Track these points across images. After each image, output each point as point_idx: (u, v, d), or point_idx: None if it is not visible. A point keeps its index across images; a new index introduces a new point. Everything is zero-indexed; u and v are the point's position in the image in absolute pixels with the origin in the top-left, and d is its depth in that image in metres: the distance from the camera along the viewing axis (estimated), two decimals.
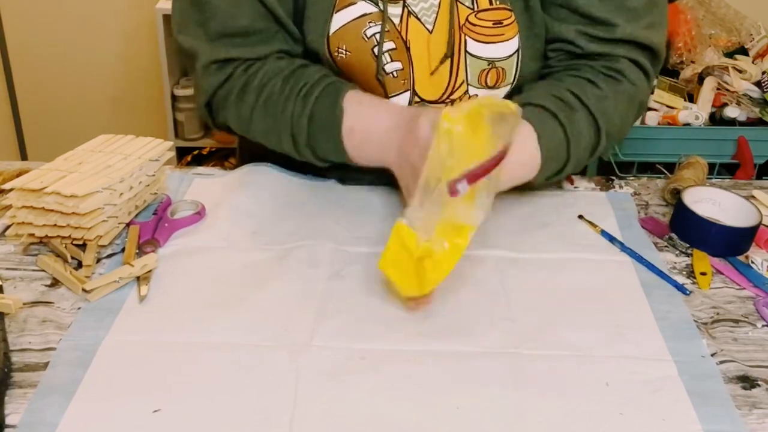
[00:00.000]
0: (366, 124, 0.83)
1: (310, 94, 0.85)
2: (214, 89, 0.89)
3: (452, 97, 0.90)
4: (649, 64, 0.90)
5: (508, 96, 0.92)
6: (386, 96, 0.89)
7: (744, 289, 0.80)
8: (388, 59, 0.87)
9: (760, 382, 0.67)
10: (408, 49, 0.87)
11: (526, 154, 0.81)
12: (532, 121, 0.81)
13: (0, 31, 2.33)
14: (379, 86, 0.89)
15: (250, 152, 1.05)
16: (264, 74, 0.87)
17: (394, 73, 0.88)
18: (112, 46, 2.34)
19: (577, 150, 0.84)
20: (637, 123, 1.85)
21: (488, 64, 0.88)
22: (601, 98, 0.86)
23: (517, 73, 0.90)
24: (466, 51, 0.88)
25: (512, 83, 0.91)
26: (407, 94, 0.89)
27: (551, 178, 0.86)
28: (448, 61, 0.88)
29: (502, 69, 0.89)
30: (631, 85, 0.88)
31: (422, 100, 0.90)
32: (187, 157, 2.40)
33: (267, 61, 0.88)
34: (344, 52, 0.87)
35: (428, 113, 0.76)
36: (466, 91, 0.90)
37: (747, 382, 0.67)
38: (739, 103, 1.87)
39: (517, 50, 0.88)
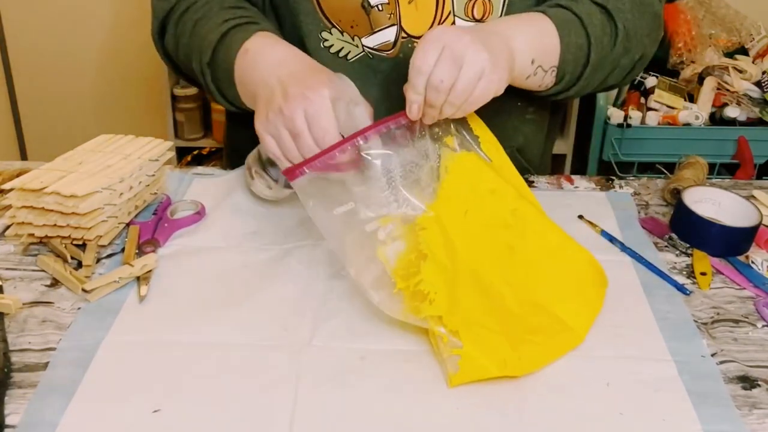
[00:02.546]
0: (262, 48, 0.81)
1: (230, 21, 0.84)
2: (165, 12, 0.90)
3: None
4: None
5: None
6: (371, 30, 0.88)
7: (744, 289, 0.80)
8: None
9: (760, 383, 0.67)
10: None
11: (539, 21, 0.81)
12: (536, 9, 0.84)
13: (0, 31, 2.33)
14: (365, 17, 0.87)
15: (236, 152, 1.05)
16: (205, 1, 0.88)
17: (379, 6, 0.87)
18: (112, 46, 2.34)
19: (591, 25, 0.83)
20: (637, 123, 1.85)
21: None
22: None
23: (505, 6, 0.89)
24: None
25: (499, 16, 0.89)
26: (394, 29, 0.88)
27: (584, 69, 0.85)
28: None
29: (489, 1, 0.88)
30: None
31: (408, 35, 0.89)
32: (187, 157, 2.40)
33: None
34: None
35: (332, 79, 0.74)
36: (453, 23, 0.88)
37: (747, 382, 0.67)
38: (739, 103, 1.88)
39: None
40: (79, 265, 0.79)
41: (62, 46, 2.37)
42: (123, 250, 0.82)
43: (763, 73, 1.93)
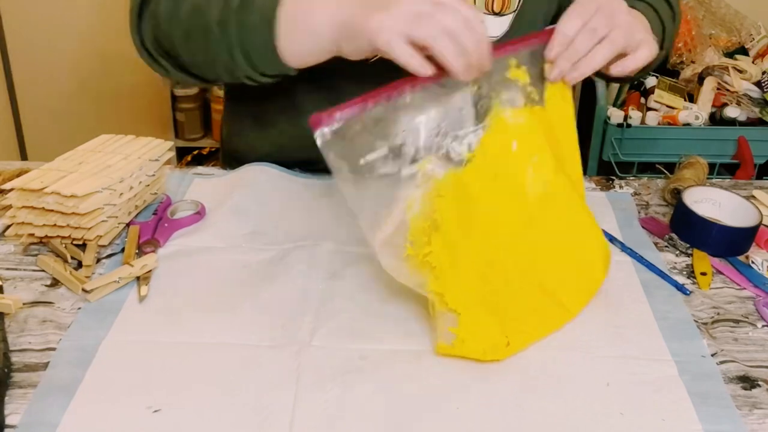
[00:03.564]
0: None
1: None
2: None
3: None
4: None
5: (512, 25, 0.91)
6: None
7: (744, 289, 0.80)
8: None
9: (760, 383, 0.67)
10: None
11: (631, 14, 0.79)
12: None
13: (0, 31, 2.33)
14: None
15: (232, 153, 1.05)
16: None
17: None
18: (112, 45, 2.34)
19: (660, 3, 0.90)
20: (637, 123, 1.85)
21: None
22: None
23: (521, 1, 0.90)
24: None
25: (515, 11, 0.91)
26: None
27: (664, 42, 0.90)
28: None
29: None
30: None
31: None
32: (187, 157, 2.40)
33: None
34: None
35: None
36: None
37: (747, 382, 0.67)
38: (739, 103, 1.87)
39: None
40: (79, 265, 0.79)
41: (62, 46, 2.37)
42: (123, 250, 0.82)
43: (763, 73, 1.92)
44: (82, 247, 0.81)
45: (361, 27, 0.67)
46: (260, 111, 1.00)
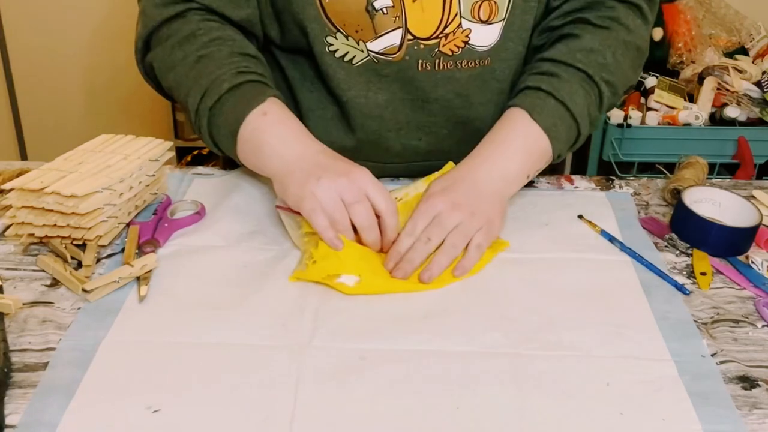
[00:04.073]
0: (284, 116, 0.84)
1: (249, 73, 0.84)
2: (159, 23, 0.88)
3: (446, 31, 0.89)
4: (645, 4, 0.92)
5: (503, 34, 0.92)
6: (376, 34, 0.88)
7: (744, 289, 0.80)
8: None
9: (760, 383, 0.67)
10: None
11: (528, 139, 0.85)
12: (520, 104, 0.86)
13: (0, 31, 2.33)
14: (369, 21, 0.87)
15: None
16: (218, 36, 0.86)
17: (384, 10, 0.86)
18: (112, 45, 2.34)
19: (577, 108, 0.87)
20: (637, 123, 1.85)
21: None
22: (587, 52, 0.88)
23: (509, 8, 0.89)
24: None
25: (504, 19, 0.90)
26: (399, 32, 0.88)
27: (575, 142, 0.90)
28: None
29: (495, 2, 0.88)
30: (627, 30, 0.90)
31: (415, 37, 0.89)
32: (187, 157, 2.40)
33: (226, 26, 0.88)
34: None
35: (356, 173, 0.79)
36: (459, 24, 0.89)
37: (747, 382, 0.67)
38: (739, 103, 1.87)
39: None
40: (79, 265, 0.79)
41: (62, 46, 2.37)
42: (123, 250, 0.82)
43: (763, 73, 1.93)
44: (82, 247, 0.81)
45: (292, 192, 0.80)
46: None
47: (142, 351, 0.68)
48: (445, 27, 0.88)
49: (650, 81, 1.93)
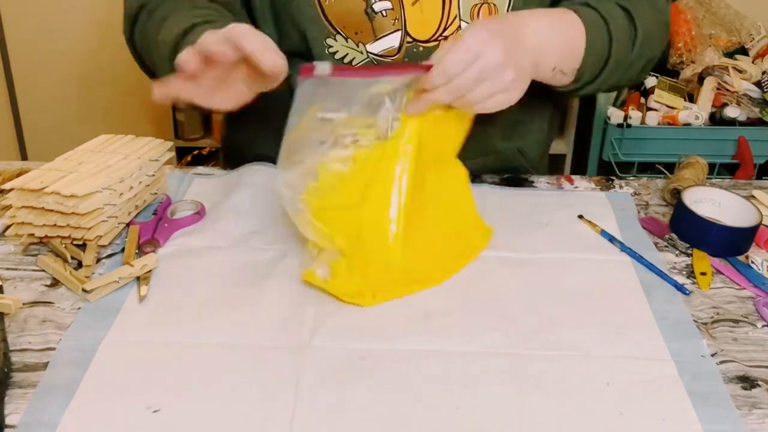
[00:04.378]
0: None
1: (200, 18, 0.82)
2: (136, 9, 0.89)
3: (445, 34, 0.89)
4: None
5: None
6: (375, 37, 0.88)
7: (744, 289, 0.80)
8: None
9: (760, 382, 0.67)
10: None
11: (569, 22, 0.82)
12: (564, 5, 0.84)
13: (0, 31, 2.33)
14: (368, 23, 0.87)
15: (233, 153, 1.05)
16: None
17: (383, 12, 0.87)
18: (113, 45, 2.34)
19: (616, 29, 0.85)
20: (637, 123, 1.85)
21: None
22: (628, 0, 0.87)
23: (509, 10, 0.89)
24: None
25: None
26: (398, 34, 0.88)
27: (600, 74, 0.87)
28: None
29: (494, 5, 0.88)
30: (655, 4, 0.90)
31: (414, 40, 0.89)
32: (187, 157, 2.40)
33: None
34: None
35: None
36: (459, 27, 0.89)
37: (747, 382, 0.67)
38: (739, 103, 1.88)
39: None
40: (79, 265, 0.79)
41: (62, 46, 2.37)
42: (123, 250, 0.82)
43: (763, 73, 1.93)
44: (82, 247, 0.81)
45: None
46: (263, 109, 1.00)
47: (142, 351, 0.68)
48: (445, 29, 0.88)
49: (650, 81, 1.93)
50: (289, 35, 0.90)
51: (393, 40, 0.88)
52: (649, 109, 1.90)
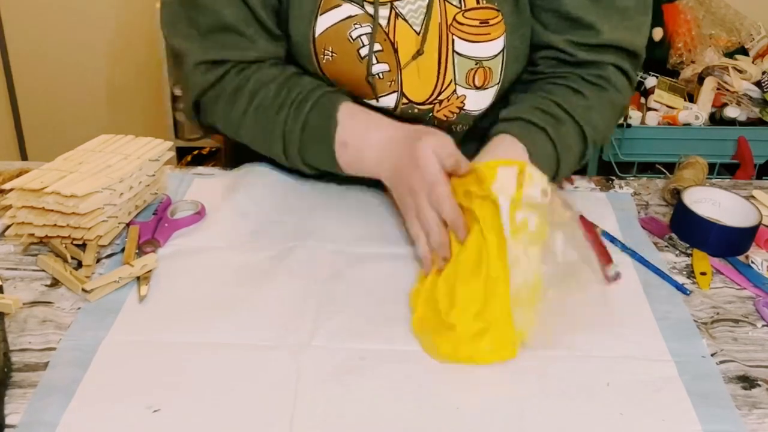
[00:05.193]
0: (359, 140, 0.84)
1: (305, 102, 0.85)
2: (203, 89, 0.90)
3: (440, 97, 0.90)
4: (632, 69, 0.92)
5: (497, 99, 0.92)
6: (375, 97, 0.89)
7: (744, 289, 0.80)
8: (375, 60, 0.87)
9: (760, 382, 0.67)
10: (396, 50, 0.87)
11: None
12: (524, 140, 0.83)
13: (0, 31, 2.33)
14: (368, 87, 0.89)
15: (237, 153, 1.05)
16: (257, 80, 0.87)
17: (380, 75, 0.88)
18: (113, 46, 2.34)
19: (566, 162, 0.87)
20: (637, 123, 1.85)
21: (476, 64, 0.89)
22: (586, 108, 0.88)
23: (503, 72, 0.90)
24: (453, 50, 0.88)
25: (498, 83, 0.91)
26: (394, 96, 0.90)
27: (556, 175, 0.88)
28: (436, 61, 0.88)
29: (489, 68, 0.89)
30: (616, 91, 0.90)
31: (410, 101, 0.90)
32: (187, 157, 2.40)
33: (261, 67, 0.89)
34: (330, 53, 0.87)
35: (427, 136, 0.78)
36: (454, 91, 0.90)
37: (747, 382, 0.67)
38: (739, 103, 1.87)
39: (503, 50, 0.89)
40: (79, 265, 0.79)
41: (62, 46, 2.37)
42: (123, 250, 0.82)
43: (763, 73, 1.92)
44: (82, 247, 0.81)
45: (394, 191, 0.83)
46: None
47: (142, 351, 0.68)
48: (440, 93, 0.89)
49: (650, 81, 1.93)
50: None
51: (389, 101, 0.90)
52: (649, 109, 1.90)
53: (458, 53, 0.88)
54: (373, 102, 0.90)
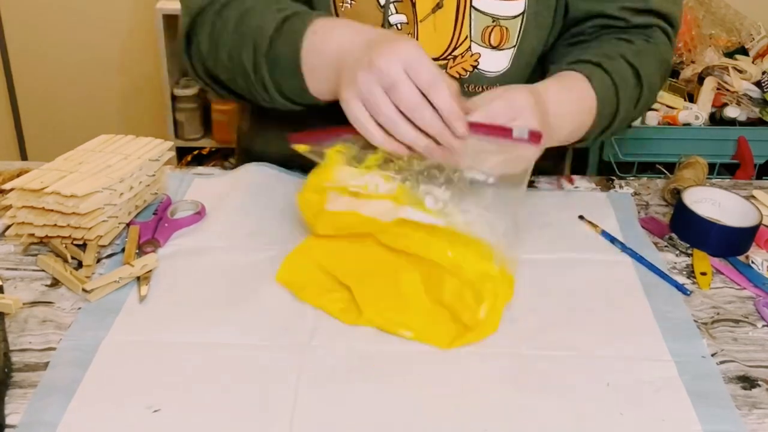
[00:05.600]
0: (332, 23, 0.79)
1: (286, 10, 0.81)
2: (201, 7, 0.86)
3: (454, 53, 0.89)
4: (672, 35, 0.93)
5: (515, 67, 0.91)
6: None
7: (744, 289, 0.80)
8: (393, 11, 0.87)
9: (760, 382, 0.67)
10: (414, 4, 0.87)
11: (585, 100, 0.82)
12: (580, 69, 0.83)
13: (0, 31, 2.33)
14: None
15: (248, 152, 1.05)
16: None
17: (398, 26, 0.87)
18: (113, 46, 2.34)
19: (624, 95, 0.86)
20: (637, 123, 1.85)
21: (492, 21, 0.88)
22: (636, 52, 0.88)
23: (520, 36, 0.90)
24: (471, 6, 0.87)
25: (515, 45, 0.90)
26: None
27: (602, 134, 0.88)
28: (453, 15, 0.87)
29: (506, 29, 0.89)
30: (664, 45, 0.92)
31: None
32: (187, 157, 2.40)
33: None
34: (350, 2, 0.87)
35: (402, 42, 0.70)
36: (469, 48, 0.89)
37: (747, 382, 0.67)
38: (739, 103, 1.87)
39: (523, 12, 0.88)
40: (80, 265, 0.79)
41: (62, 47, 2.38)
42: (123, 250, 0.82)
43: (763, 73, 1.92)
44: (82, 247, 0.81)
45: (339, 91, 0.72)
46: (288, 110, 0.99)
47: (142, 351, 0.68)
48: (455, 48, 0.89)
49: None
50: None
51: None
52: (649, 109, 1.90)
53: (476, 8, 0.88)
54: None
